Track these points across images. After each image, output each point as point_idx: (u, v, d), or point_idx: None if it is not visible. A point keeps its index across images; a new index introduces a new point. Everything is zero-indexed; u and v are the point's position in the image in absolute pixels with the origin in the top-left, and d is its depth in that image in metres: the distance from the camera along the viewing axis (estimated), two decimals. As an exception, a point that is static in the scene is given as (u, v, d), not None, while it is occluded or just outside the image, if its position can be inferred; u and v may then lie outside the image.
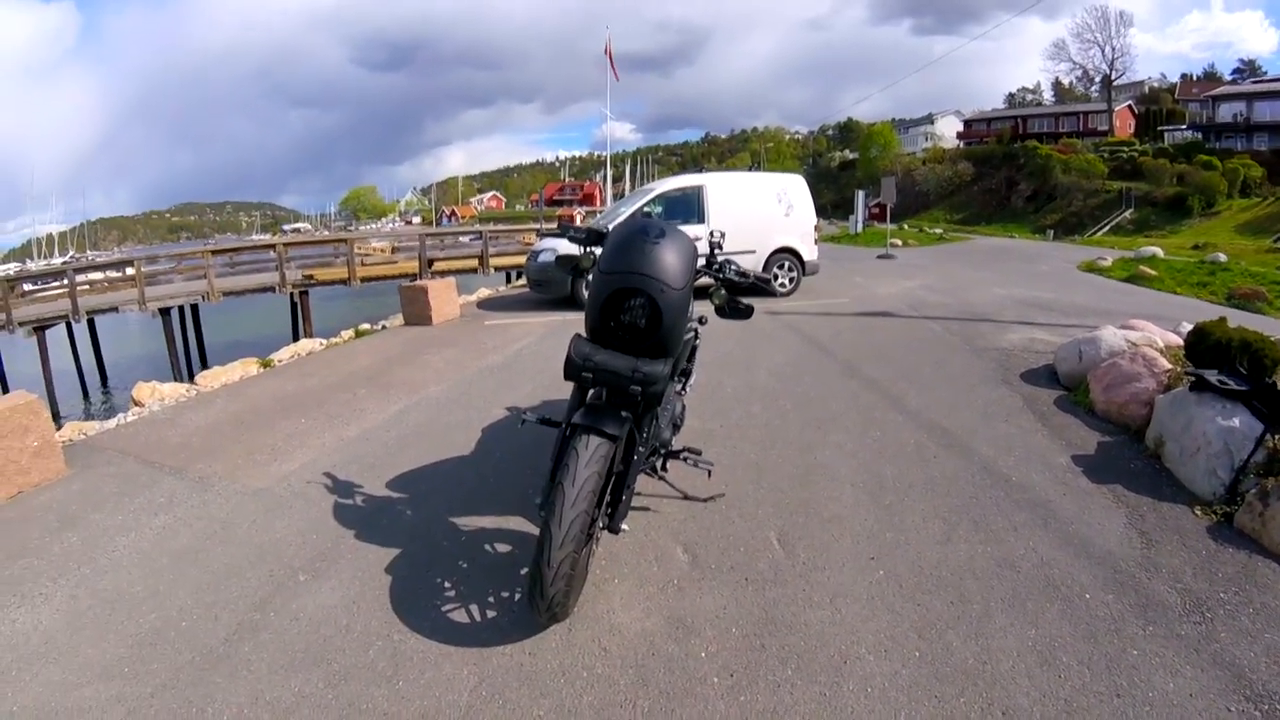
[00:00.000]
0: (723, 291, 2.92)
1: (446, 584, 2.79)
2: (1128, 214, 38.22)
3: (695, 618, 2.51)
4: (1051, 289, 10.42)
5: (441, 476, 3.91)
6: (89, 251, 66.09)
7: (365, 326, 9.35)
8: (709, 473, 3.23)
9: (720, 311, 2.97)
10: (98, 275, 16.51)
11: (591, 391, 2.52)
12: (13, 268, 43.96)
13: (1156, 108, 52.27)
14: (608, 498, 2.49)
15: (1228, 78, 56.77)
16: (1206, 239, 28.71)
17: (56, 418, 13.60)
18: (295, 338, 15.14)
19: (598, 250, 2.77)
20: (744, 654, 2.32)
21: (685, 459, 3.13)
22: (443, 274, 15.63)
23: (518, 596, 2.66)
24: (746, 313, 2.96)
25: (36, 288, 15.64)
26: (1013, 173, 47.45)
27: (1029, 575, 2.72)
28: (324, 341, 8.61)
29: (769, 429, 4.44)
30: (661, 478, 3.24)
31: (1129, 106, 54.34)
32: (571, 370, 2.44)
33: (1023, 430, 4.22)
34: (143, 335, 22.44)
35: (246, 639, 2.55)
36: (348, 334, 9.00)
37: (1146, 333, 5.16)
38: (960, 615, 2.50)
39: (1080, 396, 4.58)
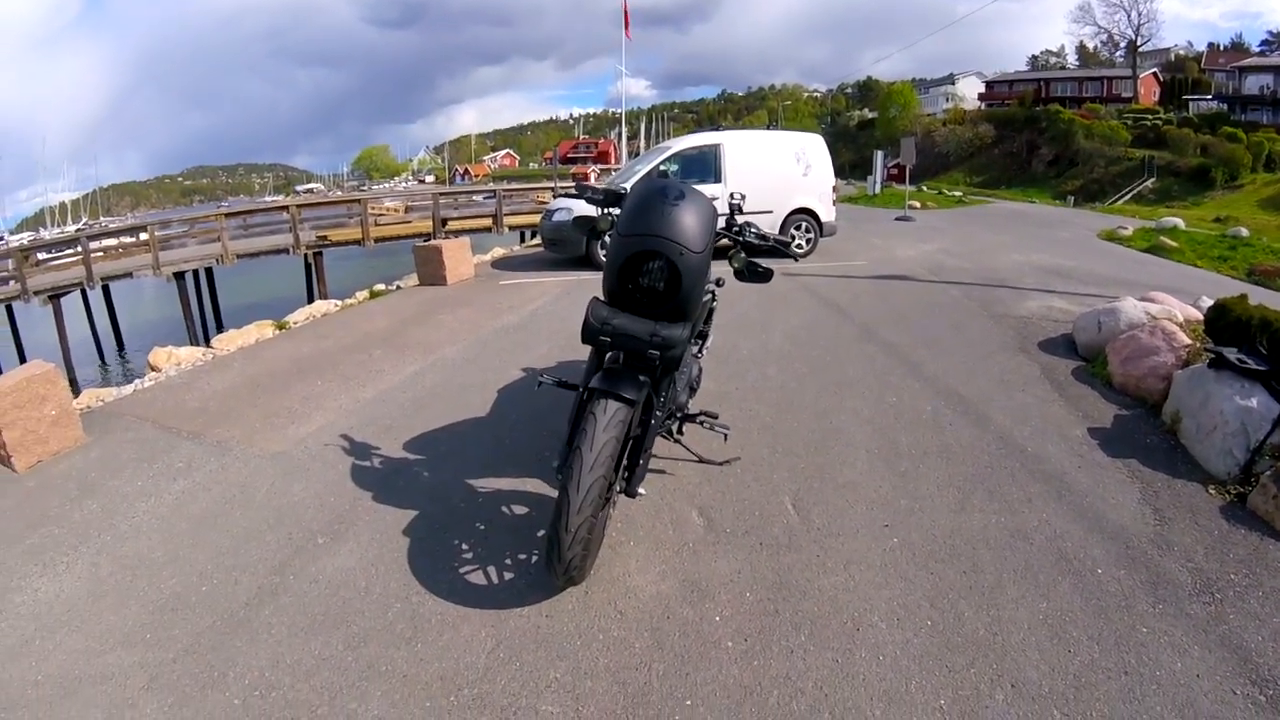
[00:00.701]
0: (742, 255, 2.87)
1: (464, 546, 2.82)
2: (1150, 183, 37.39)
3: (710, 582, 2.53)
4: (1071, 256, 10.22)
5: (458, 438, 3.93)
6: (102, 218, 66.23)
7: (380, 287, 9.35)
8: (725, 437, 3.23)
9: (739, 275, 2.93)
10: (111, 241, 16.54)
11: (609, 355, 2.51)
12: (26, 236, 44.19)
13: (1182, 76, 50.74)
14: (625, 461, 2.49)
15: (1255, 49, 54.41)
16: (1228, 212, 28.03)
17: (74, 385, 13.79)
18: (310, 299, 15.17)
19: (615, 211, 2.72)
20: (758, 619, 2.34)
21: (702, 423, 3.12)
22: (457, 234, 15.56)
23: (534, 559, 2.69)
24: (766, 276, 2.91)
25: (51, 255, 15.70)
26: (1034, 136, 46.29)
27: (1042, 547, 2.71)
28: (339, 303, 8.62)
29: (785, 392, 4.42)
30: (677, 440, 3.23)
31: (1154, 74, 52.54)
32: (589, 334, 2.41)
33: (1040, 400, 4.16)
34: (158, 300, 22.63)
35: (267, 602, 2.60)
36: (362, 295, 9.00)
37: (1166, 306, 5.04)
38: (973, 585, 2.50)
39: (1098, 368, 4.52)
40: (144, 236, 15.56)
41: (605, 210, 2.86)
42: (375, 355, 5.74)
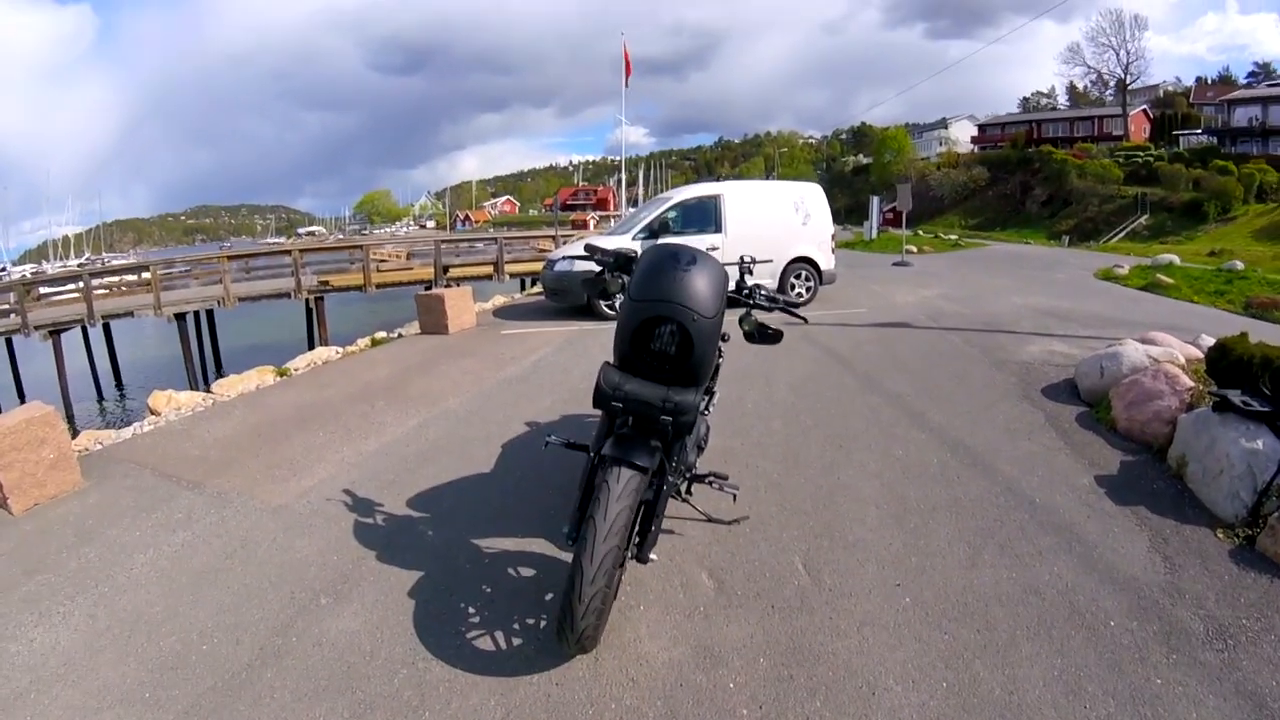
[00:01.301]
0: (752, 317, 2.89)
1: (470, 609, 2.78)
2: (1143, 219, 38.01)
3: (722, 647, 2.49)
4: (1069, 298, 10.34)
5: (462, 494, 3.90)
6: (104, 253, 66.63)
7: (382, 335, 9.38)
8: (734, 497, 3.21)
9: (749, 338, 2.94)
10: (114, 279, 16.64)
11: (620, 420, 2.51)
12: (29, 269, 44.44)
13: (1171, 112, 51.98)
14: (637, 526, 2.47)
15: (1243, 81, 56.29)
16: (1223, 245, 28.48)
17: (71, 422, 13.76)
18: (311, 344, 15.25)
19: (625, 276, 2.78)
20: (772, 685, 2.29)
21: (710, 483, 3.11)
22: (458, 280, 15.70)
23: (543, 623, 2.64)
24: (776, 338, 2.93)
25: (54, 290, 15.77)
26: (1027, 177, 47.25)
27: (1054, 602, 2.69)
28: (340, 350, 8.64)
29: (790, 447, 4.41)
30: (686, 500, 3.21)
31: (1144, 110, 54.06)
32: (601, 399, 2.42)
33: (1046, 449, 4.17)
34: (158, 339, 22.61)
35: (270, 664, 2.54)
36: (364, 342, 9.02)
37: (1167, 348, 5.09)
38: (987, 644, 2.47)
39: (1102, 413, 4.53)
40: (146, 275, 15.65)
41: (615, 273, 2.90)
42: (378, 406, 5.73)
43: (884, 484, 3.77)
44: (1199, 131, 47.27)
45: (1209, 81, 59.98)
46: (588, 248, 3.16)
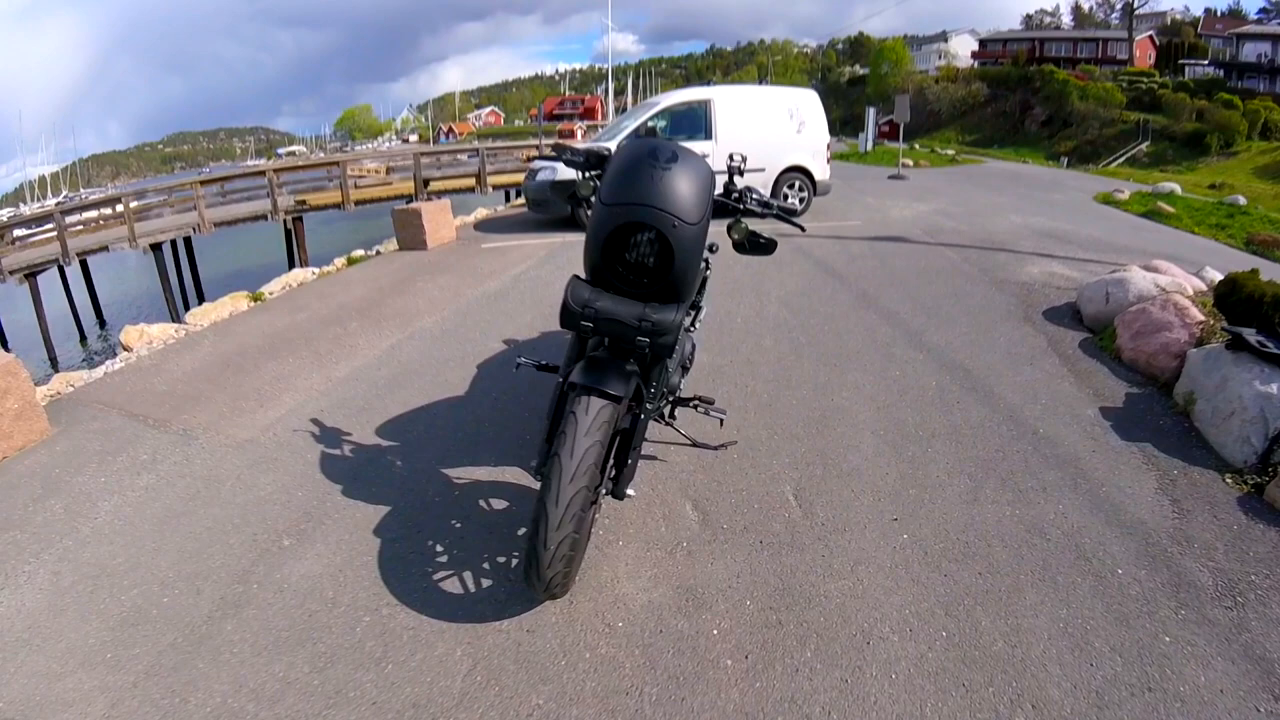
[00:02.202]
0: (743, 224, 2.51)
1: (438, 548, 2.61)
2: (1144, 146, 37.29)
3: (706, 588, 2.33)
4: (1068, 219, 9.97)
5: (434, 420, 3.70)
6: (82, 190, 64.39)
7: (359, 253, 8.99)
8: (721, 422, 3.01)
9: (739, 247, 2.60)
10: (92, 214, 15.83)
11: (592, 341, 2.25)
12: (6, 213, 42.80)
13: (1178, 40, 50.14)
14: (611, 460, 2.26)
15: (1253, 16, 54.01)
16: (1224, 179, 27.97)
17: (55, 364, 13.51)
18: (291, 266, 14.78)
19: (598, 175, 2.42)
20: (759, 631, 2.14)
21: (696, 407, 2.90)
22: (439, 194, 15.08)
23: (514, 562, 2.48)
24: (769, 248, 2.59)
25: (30, 232, 15.02)
26: (1028, 96, 46.09)
27: (1059, 544, 2.53)
28: (316, 271, 8.28)
29: (782, 365, 4.20)
30: (669, 424, 3.00)
31: (1150, 37, 51.92)
32: (569, 319, 2.13)
33: (1048, 376, 3.96)
34: (141, 273, 21.96)
35: (229, 616, 2.38)
36: (340, 262, 8.66)
37: (1175, 278, 4.84)
38: (989, 589, 2.31)
39: (1106, 341, 4.32)
40: (120, 209, 14.98)
41: (586, 174, 2.53)
42: (351, 328, 5.47)
43: (880, 408, 3.58)
44: (1205, 63, 45.95)
45: (1218, 14, 57.29)
46: (554, 148, 2.78)
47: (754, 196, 2.54)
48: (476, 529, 2.70)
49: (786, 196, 9.97)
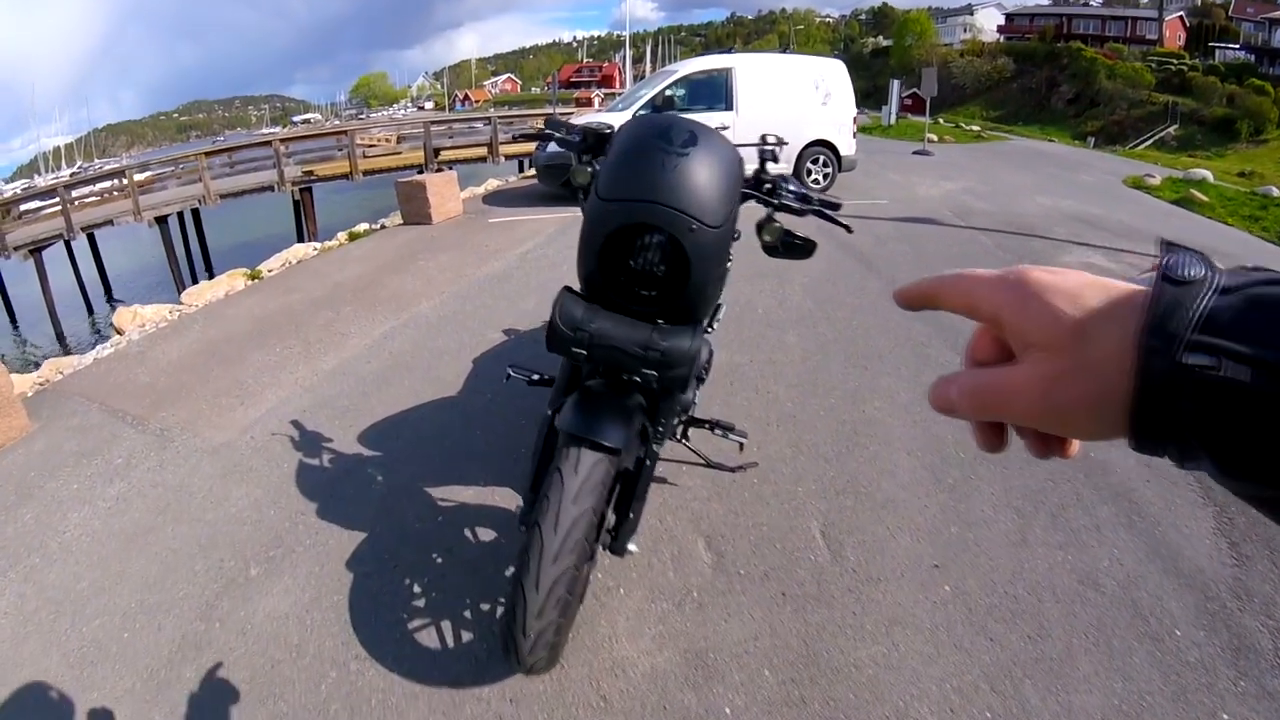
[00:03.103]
0: (777, 224, 1.99)
1: (415, 588, 2.31)
2: (1172, 130, 36.45)
3: (719, 652, 2.01)
4: (1100, 204, 9.45)
5: (421, 426, 3.40)
6: (97, 160, 64.30)
7: (362, 227, 8.68)
8: (741, 446, 2.67)
9: (771, 250, 2.07)
10: (105, 184, 15.46)
11: (587, 368, 1.88)
12: (20, 186, 42.59)
13: (1209, 22, 48.75)
14: (610, 511, 1.91)
15: None
16: (1253, 167, 27.11)
17: (61, 341, 13.37)
18: (301, 238, 14.50)
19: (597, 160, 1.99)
20: (779, 711, 1.82)
21: (713, 431, 2.55)
22: (450, 164, 14.63)
23: (499, 609, 2.18)
24: (806, 251, 2.04)
25: (39, 205, 14.72)
26: (1054, 73, 45.00)
27: (1115, 598, 2.19)
28: (317, 246, 8.00)
29: (807, 367, 3.85)
30: (680, 441, 2.67)
31: (1180, 17, 50.54)
32: (557, 342, 1.72)
33: None
34: (154, 246, 21.78)
35: (189, 660, 2.12)
36: (342, 236, 8.36)
37: None
38: (1039, 657, 1.98)
39: None
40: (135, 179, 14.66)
41: (583, 157, 2.04)
42: (343, 313, 5.17)
43: (916, 421, 3.22)
44: (1236, 46, 44.65)
45: (1251, -4, 55.13)
46: (545, 122, 2.26)
47: (790, 189, 2.02)
48: (459, 566, 2.40)
49: (810, 172, 9.50)
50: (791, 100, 9.33)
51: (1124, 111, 39.18)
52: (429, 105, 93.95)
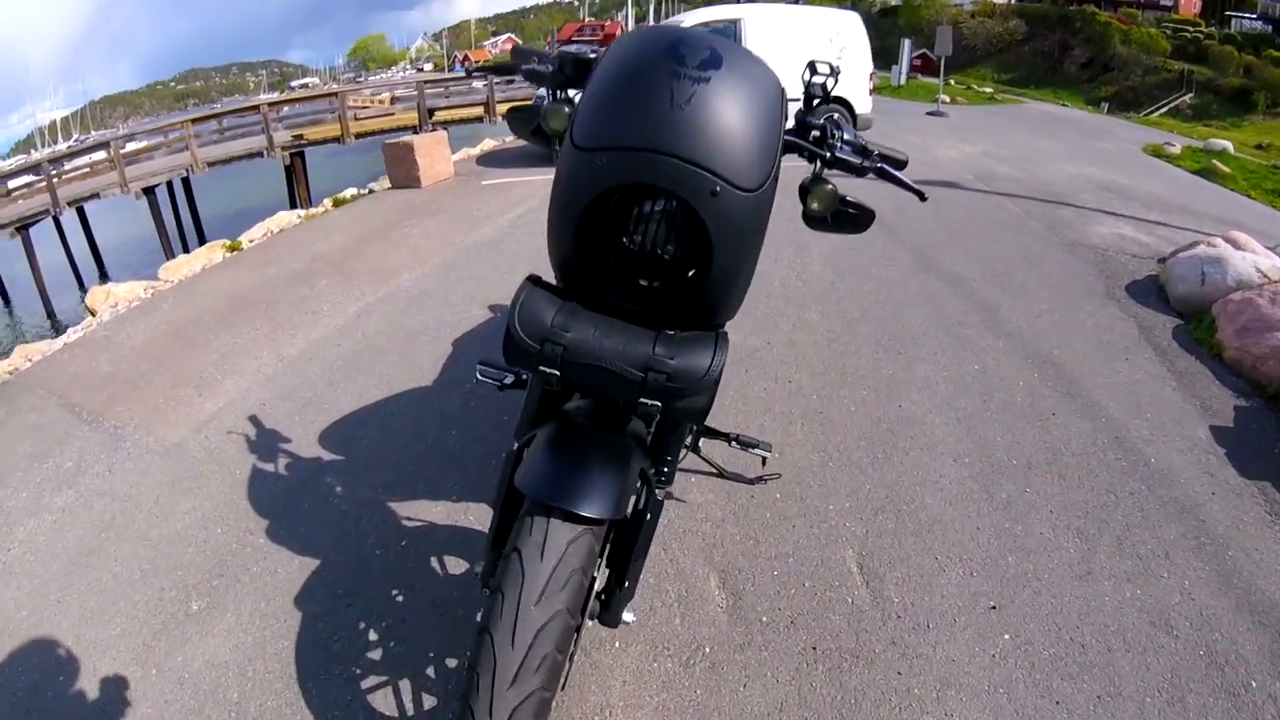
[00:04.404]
0: (829, 187, 1.47)
1: (371, 634, 1.94)
2: (1187, 98, 35.51)
3: (736, 728, 1.64)
4: (1123, 172, 8.95)
5: (390, 423, 3.02)
6: (93, 132, 63.17)
7: (349, 193, 8.24)
8: (764, 460, 2.27)
9: (818, 222, 1.56)
10: (97, 155, 14.86)
11: (572, 400, 1.44)
12: (17, 161, 41.70)
13: None
14: (599, 586, 1.48)
15: None
16: (1270, 140, 26.54)
17: (52, 318, 13.05)
18: (292, 204, 14.03)
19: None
20: (814, 812, 1.46)
21: (731, 444, 2.15)
22: (445, 125, 14.04)
23: (466, 665, 1.81)
24: (861, 223, 1.58)
25: (23, 183, 14.20)
26: (1067, 37, 43.76)
27: (1188, 643, 1.84)
28: (302, 214, 7.57)
29: (833, 350, 3.45)
30: (692, 450, 2.28)
31: None
32: (519, 355, 1.26)
33: (1149, 378, 3.19)
34: (148, 218, 21.33)
35: (122, 713, 1.81)
36: (328, 203, 7.94)
37: (1272, 259, 4.06)
38: None
39: (1202, 333, 3.55)
40: (132, 146, 14.10)
41: (555, 91, 1.57)
42: (318, 287, 4.78)
43: (960, 419, 2.82)
44: (1254, 16, 43.06)
45: (1269, -35, 52.94)
46: (514, 51, 1.80)
47: (846, 139, 1.48)
48: (422, 607, 2.02)
49: (823, 132, 8.98)
50: (804, 55, 8.72)
51: (1138, 78, 38.31)
52: (428, 67, 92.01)
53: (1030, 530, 2.22)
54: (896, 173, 1.50)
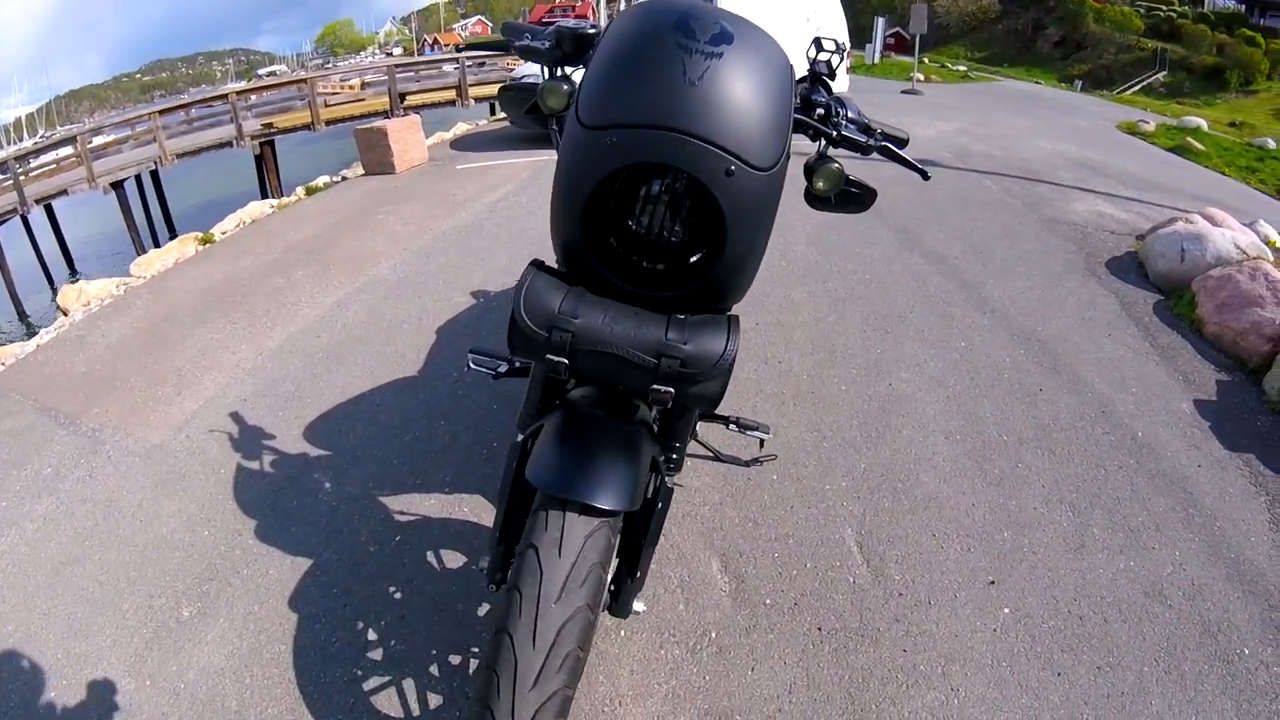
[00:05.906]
0: (835, 166, 1.39)
1: (370, 634, 1.92)
2: (1160, 76, 36.37)
3: (747, 714, 1.63)
4: (1097, 149, 9.03)
5: (376, 415, 2.97)
6: (59, 128, 61.25)
7: (322, 180, 8.06)
8: (761, 443, 2.25)
9: (821, 202, 1.49)
10: (63, 151, 14.40)
11: (576, 388, 1.41)
12: None
13: None
14: (610, 582, 1.44)
15: None
16: (1243, 117, 27.18)
17: (23, 317, 12.70)
18: (264, 195, 13.74)
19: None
20: (826, 794, 1.47)
21: (729, 427, 2.15)
22: (417, 109, 13.79)
23: (472, 662, 1.80)
24: (865, 201, 1.52)
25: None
26: (1040, 15, 44.62)
27: (1182, 614, 1.89)
28: (274, 204, 7.41)
29: (821, 330, 3.44)
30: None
31: None
32: (524, 344, 1.23)
33: (1132, 353, 3.22)
34: (116, 212, 20.78)
35: (118, 732, 1.75)
36: (300, 192, 7.77)
37: (1249, 235, 4.12)
38: (1109, 693, 1.67)
39: (1183, 308, 3.59)
40: (98, 140, 13.65)
41: (556, 70, 1.47)
42: (294, 278, 4.68)
43: (950, 396, 2.84)
44: None
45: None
46: (504, 28, 1.72)
47: (850, 117, 1.46)
48: (421, 604, 2.00)
49: (802, 110, 8.96)
50: (781, 35, 8.65)
51: (1111, 56, 39.03)
52: (398, 51, 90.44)
53: (1024, 505, 2.25)
54: (899, 151, 1.48)
